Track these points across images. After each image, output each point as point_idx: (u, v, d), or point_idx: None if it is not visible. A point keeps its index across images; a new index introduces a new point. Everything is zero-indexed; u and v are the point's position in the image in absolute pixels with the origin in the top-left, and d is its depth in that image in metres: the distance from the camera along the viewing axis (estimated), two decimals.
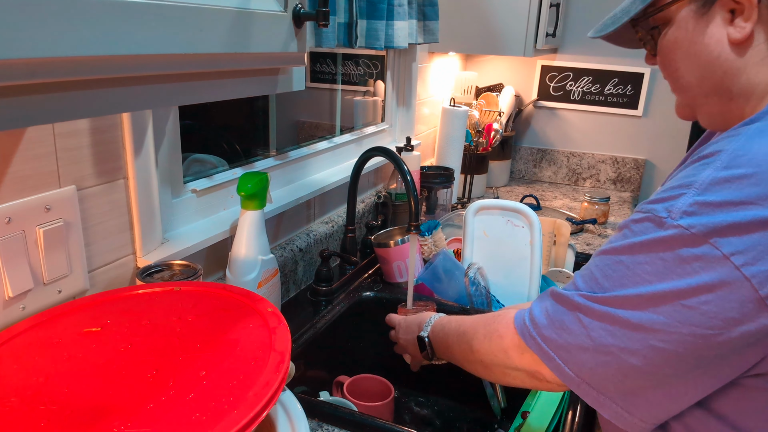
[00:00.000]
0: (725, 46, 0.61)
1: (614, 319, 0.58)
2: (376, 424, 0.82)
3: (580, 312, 0.61)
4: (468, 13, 1.76)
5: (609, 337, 0.59)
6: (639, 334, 0.57)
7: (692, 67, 0.65)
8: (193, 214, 1.00)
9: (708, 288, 0.53)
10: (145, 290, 0.72)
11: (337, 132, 1.58)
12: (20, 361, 0.56)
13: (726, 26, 0.61)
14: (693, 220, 0.54)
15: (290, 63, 0.63)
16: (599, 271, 0.62)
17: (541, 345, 0.64)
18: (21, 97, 0.37)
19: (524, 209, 1.24)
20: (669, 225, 0.55)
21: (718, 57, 0.62)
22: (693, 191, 0.55)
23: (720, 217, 0.53)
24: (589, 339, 0.60)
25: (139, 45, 0.41)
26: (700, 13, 0.62)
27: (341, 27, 1.18)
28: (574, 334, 0.61)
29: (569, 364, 0.62)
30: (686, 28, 0.64)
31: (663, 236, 0.56)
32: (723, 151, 0.56)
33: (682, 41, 0.65)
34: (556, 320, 0.63)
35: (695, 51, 0.64)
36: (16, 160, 0.66)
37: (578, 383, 0.62)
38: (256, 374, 0.54)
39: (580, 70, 2.18)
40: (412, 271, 1.13)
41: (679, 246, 0.54)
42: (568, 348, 0.62)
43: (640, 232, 0.58)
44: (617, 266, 0.59)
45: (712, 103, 0.66)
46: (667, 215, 0.56)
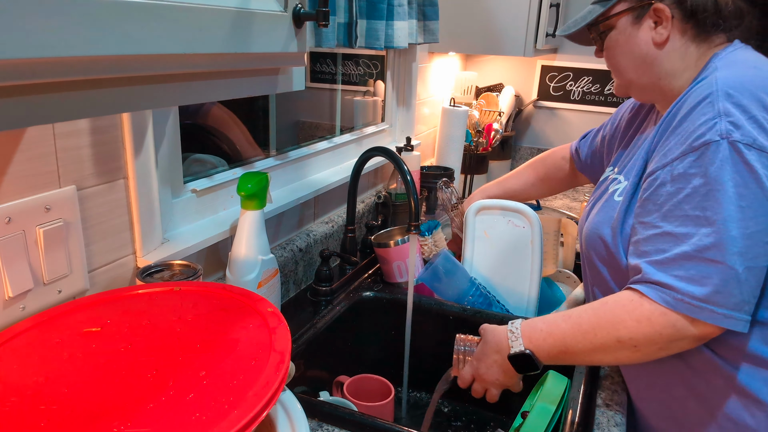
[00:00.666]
0: (651, 45, 0.86)
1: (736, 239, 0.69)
2: (376, 424, 0.82)
3: (710, 252, 0.70)
4: (468, 13, 1.76)
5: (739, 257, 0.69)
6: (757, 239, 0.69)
7: (629, 59, 0.89)
8: (193, 214, 1.00)
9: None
10: (145, 290, 0.72)
11: (337, 132, 1.58)
12: (20, 361, 0.56)
13: (651, 32, 0.86)
14: (739, 134, 0.70)
15: (290, 63, 0.63)
16: (693, 208, 0.72)
17: (700, 306, 0.71)
18: (21, 97, 0.37)
19: (525, 209, 1.24)
20: (725, 144, 0.70)
21: (647, 53, 0.87)
22: (723, 117, 0.72)
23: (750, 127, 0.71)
24: (730, 269, 0.69)
25: (139, 45, 0.41)
26: (634, 22, 0.87)
27: (341, 27, 1.18)
28: (716, 275, 0.70)
29: (720, 304, 0.70)
30: (624, 33, 0.89)
31: (726, 154, 0.70)
32: (712, 92, 0.75)
33: (621, 41, 0.89)
34: (697, 277, 0.71)
35: (630, 48, 0.88)
36: (16, 160, 0.66)
37: (730, 318, 0.71)
38: (256, 374, 0.54)
39: (580, 70, 2.18)
40: (412, 271, 1.13)
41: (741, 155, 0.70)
42: (717, 291, 0.70)
43: (709, 161, 0.71)
44: (709, 195, 0.71)
45: (644, 83, 0.90)
46: (719, 137, 0.71)
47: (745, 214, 0.69)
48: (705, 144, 0.72)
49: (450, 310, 1.18)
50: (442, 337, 1.20)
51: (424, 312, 1.19)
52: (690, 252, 0.71)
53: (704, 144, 0.72)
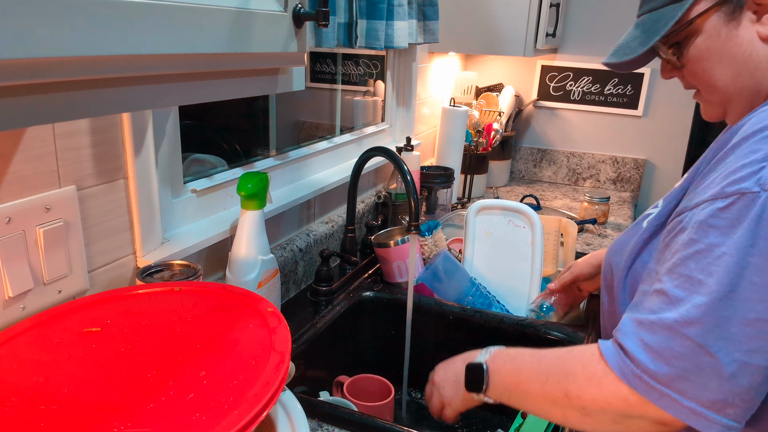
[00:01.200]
0: (756, 43, 0.67)
1: (729, 321, 0.55)
2: (376, 424, 0.82)
3: (690, 328, 0.56)
4: (468, 13, 1.76)
5: (729, 344, 0.55)
6: (761, 328, 0.54)
7: (727, 68, 0.69)
8: (193, 214, 1.00)
9: None
10: (145, 290, 0.72)
11: (337, 132, 1.58)
12: (20, 361, 0.56)
13: (754, 26, 0.66)
14: None
15: (290, 63, 0.63)
16: (696, 268, 0.57)
17: (652, 385, 0.58)
18: (21, 97, 0.37)
19: (526, 209, 1.24)
20: (765, 198, 0.54)
21: (751, 54, 0.67)
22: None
23: None
24: (710, 356, 0.55)
25: (139, 45, 0.41)
26: (729, 19, 0.67)
27: (341, 27, 1.18)
28: (689, 358, 0.56)
29: (688, 395, 0.56)
30: (717, 35, 0.68)
31: (760, 212, 0.54)
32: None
33: (714, 47, 0.69)
34: (662, 351, 0.58)
35: (729, 53, 0.68)
36: (16, 160, 0.66)
37: (699, 415, 0.56)
38: (256, 374, 0.54)
39: (580, 70, 2.18)
40: (412, 271, 1.13)
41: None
42: (686, 377, 0.56)
43: (732, 219, 0.56)
44: (718, 259, 0.56)
45: (743, 97, 0.70)
46: (759, 188, 0.55)
47: (757, 293, 0.54)
48: (739, 193, 0.56)
49: (450, 310, 1.18)
50: (442, 337, 1.20)
51: (424, 312, 1.19)
52: (671, 321, 0.57)
53: (738, 193, 0.56)
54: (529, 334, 1.12)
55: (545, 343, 1.10)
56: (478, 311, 1.17)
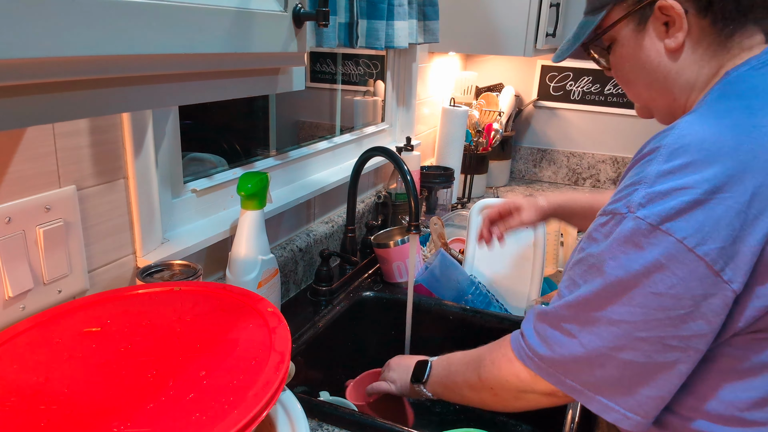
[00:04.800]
0: (663, 55, 0.70)
1: (596, 321, 0.62)
2: (376, 424, 0.82)
3: (566, 324, 0.65)
4: (468, 13, 1.76)
5: (597, 340, 0.62)
6: (623, 329, 0.61)
7: (639, 75, 0.73)
8: (193, 214, 1.00)
9: (671, 272, 0.58)
10: (145, 290, 0.72)
11: (337, 132, 1.58)
12: (20, 361, 0.56)
13: (662, 39, 0.69)
14: (647, 211, 0.59)
15: (290, 63, 0.63)
16: (576, 276, 0.66)
17: (539, 364, 0.68)
18: (21, 97, 0.37)
19: None
20: (629, 218, 0.60)
21: (659, 65, 0.71)
22: (643, 185, 0.60)
23: (668, 205, 0.58)
24: (581, 347, 0.64)
25: (139, 45, 0.41)
26: (637, 30, 0.71)
27: (341, 27, 1.18)
28: (565, 346, 0.65)
29: (569, 376, 0.66)
30: (628, 45, 0.73)
31: (625, 231, 0.60)
32: (661, 147, 0.61)
33: (628, 56, 0.73)
34: (546, 338, 0.67)
35: (640, 63, 0.72)
36: (16, 160, 0.66)
37: (580, 392, 0.65)
38: (256, 374, 0.54)
39: (580, 70, 2.18)
40: (412, 271, 1.13)
41: (639, 237, 0.59)
42: (564, 362, 0.66)
43: (606, 234, 0.63)
44: (590, 269, 0.64)
45: (660, 102, 0.74)
46: (627, 210, 0.60)
47: (617, 300, 0.61)
48: (612, 213, 0.62)
49: (450, 310, 1.18)
50: (442, 337, 1.20)
51: (424, 312, 1.19)
52: (554, 314, 0.67)
53: (612, 212, 0.63)
54: None
55: None
56: (478, 311, 1.17)
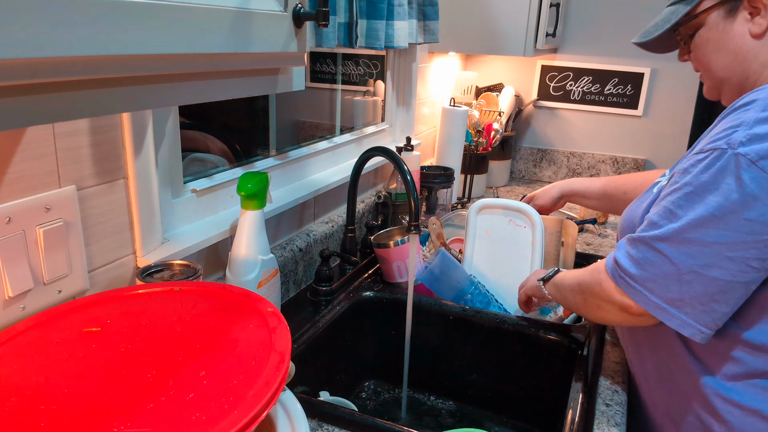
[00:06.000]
0: (747, 39, 0.82)
1: (691, 242, 0.71)
2: (376, 424, 0.82)
3: (660, 244, 0.74)
4: (468, 13, 1.76)
5: (689, 259, 0.72)
6: (715, 250, 0.70)
7: (721, 56, 0.85)
8: (193, 214, 1.00)
9: (763, 202, 0.67)
10: (145, 290, 0.72)
11: (337, 132, 1.58)
12: (20, 361, 0.56)
13: (747, 24, 0.81)
14: (747, 148, 0.68)
15: (290, 63, 0.63)
16: (673, 205, 0.74)
17: (630, 283, 0.77)
18: (21, 97, 0.37)
19: (527, 209, 1.24)
20: (730, 154, 0.69)
21: (741, 47, 0.82)
22: (744, 127, 0.70)
23: (766, 145, 0.68)
24: (672, 265, 0.73)
25: (139, 45, 0.41)
26: (727, 15, 0.83)
27: (341, 27, 1.18)
28: (657, 265, 0.74)
29: (656, 293, 0.75)
30: (716, 29, 0.84)
31: (726, 164, 0.69)
32: (757, 99, 0.72)
33: (713, 39, 0.85)
34: (639, 259, 0.76)
35: (724, 44, 0.84)
36: (16, 160, 0.66)
37: (663, 309, 0.75)
38: (256, 374, 0.54)
39: (580, 70, 2.18)
40: (412, 271, 1.12)
41: (739, 169, 0.68)
42: (654, 279, 0.75)
43: (706, 167, 0.71)
44: (689, 196, 0.72)
45: (734, 81, 0.85)
46: (728, 146, 0.70)
47: (713, 224, 0.70)
48: (712, 149, 0.72)
49: (450, 310, 1.18)
50: (442, 337, 1.20)
51: (424, 312, 1.19)
52: (648, 237, 0.76)
53: (711, 149, 0.72)
54: (528, 334, 1.12)
55: (544, 343, 1.10)
56: (478, 311, 1.17)
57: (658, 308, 0.75)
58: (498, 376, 1.17)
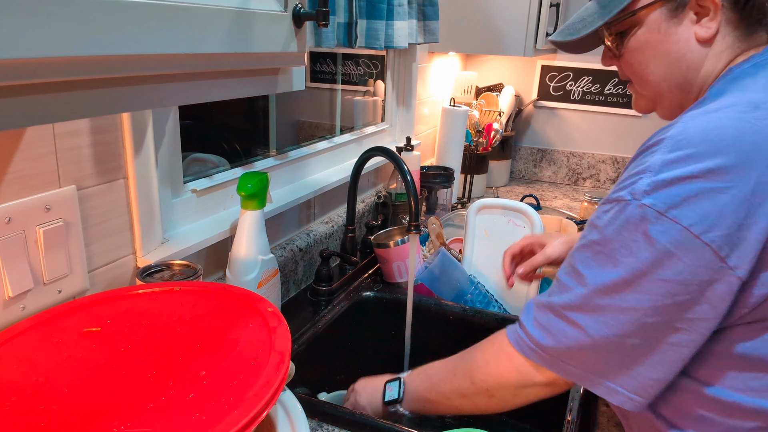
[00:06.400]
0: (692, 44, 0.69)
1: (604, 309, 0.62)
2: (376, 424, 0.82)
3: (570, 313, 0.65)
4: (468, 13, 1.76)
5: (605, 328, 0.62)
6: (631, 316, 0.61)
7: (661, 63, 0.72)
8: (193, 214, 1.00)
9: (678, 258, 0.58)
10: (145, 290, 0.72)
11: (337, 132, 1.58)
12: (20, 361, 0.56)
13: (693, 27, 0.69)
14: (653, 199, 0.58)
15: (290, 63, 0.63)
16: (580, 264, 0.65)
17: (543, 356, 0.68)
18: (21, 97, 0.37)
19: (526, 209, 1.24)
20: (634, 206, 0.60)
21: (685, 54, 0.70)
22: (648, 174, 0.60)
23: (674, 192, 0.57)
24: (587, 336, 0.63)
25: (139, 45, 0.41)
26: (671, 15, 0.70)
27: (341, 27, 1.18)
28: (570, 336, 0.65)
29: (574, 364, 0.66)
30: (657, 30, 0.71)
31: (630, 218, 0.60)
32: (665, 138, 0.61)
33: (652, 41, 0.71)
34: (550, 329, 0.67)
35: (665, 49, 0.71)
36: (16, 160, 0.66)
37: (585, 378, 0.66)
38: (256, 374, 0.54)
39: (580, 70, 2.18)
40: (412, 271, 1.12)
41: (646, 224, 0.59)
42: (569, 351, 0.65)
43: (610, 221, 0.62)
44: (596, 257, 0.63)
45: (673, 95, 0.73)
46: (631, 197, 0.60)
47: (626, 288, 0.61)
48: (616, 200, 0.62)
49: (450, 310, 1.18)
50: (442, 337, 1.20)
51: (424, 312, 1.19)
52: (558, 304, 0.66)
53: (615, 200, 0.62)
54: None
55: None
56: (478, 311, 1.17)
57: (580, 377, 0.66)
58: None
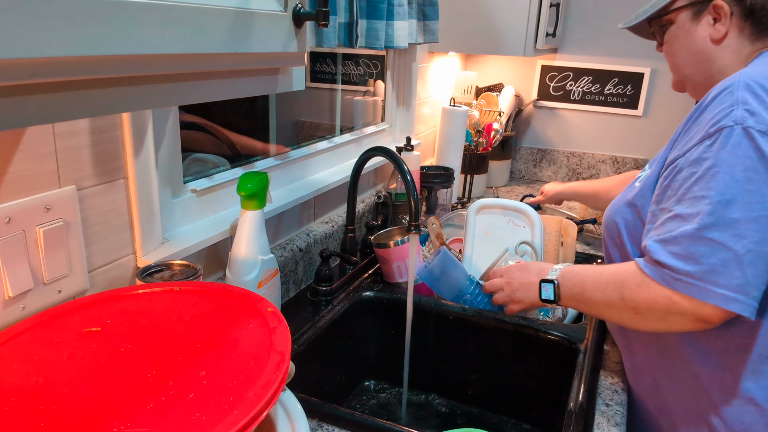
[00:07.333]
0: (708, 42, 0.89)
1: (737, 221, 0.69)
2: (375, 424, 0.82)
3: (708, 232, 0.71)
4: (468, 13, 1.76)
5: (742, 239, 0.69)
6: (763, 223, 0.69)
7: (685, 54, 0.93)
8: (193, 214, 1.00)
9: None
10: (145, 290, 0.72)
11: (337, 132, 1.58)
12: (20, 361, 0.56)
13: (709, 28, 0.88)
14: (754, 121, 0.71)
15: (290, 63, 0.63)
16: (698, 189, 0.73)
17: (689, 282, 0.72)
18: (21, 97, 0.37)
19: (526, 209, 1.24)
20: (739, 129, 0.71)
21: (704, 48, 0.90)
22: (739, 105, 0.73)
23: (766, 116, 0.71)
24: (728, 250, 0.69)
25: (139, 45, 0.41)
26: (693, 18, 0.90)
27: (341, 27, 1.18)
28: (712, 254, 0.70)
29: (720, 284, 0.70)
30: (683, 28, 0.92)
31: (740, 139, 0.71)
32: (732, 83, 0.75)
33: (680, 36, 0.92)
34: (689, 255, 0.72)
35: (688, 43, 0.91)
36: (16, 160, 0.66)
37: (734, 300, 0.70)
38: (256, 374, 0.54)
39: (580, 70, 2.18)
40: (412, 271, 1.12)
41: (756, 141, 0.70)
42: (714, 270, 0.70)
43: (720, 147, 0.72)
44: (714, 178, 0.71)
45: (696, 79, 0.93)
46: (734, 123, 0.72)
47: (753, 197, 0.69)
48: (719, 129, 0.73)
49: (450, 310, 1.18)
50: (442, 337, 1.20)
51: (424, 312, 1.19)
52: (691, 230, 0.72)
53: (718, 129, 0.73)
54: (528, 334, 1.12)
55: (544, 343, 1.10)
56: (478, 311, 1.17)
57: (728, 299, 0.70)
58: (498, 376, 1.17)
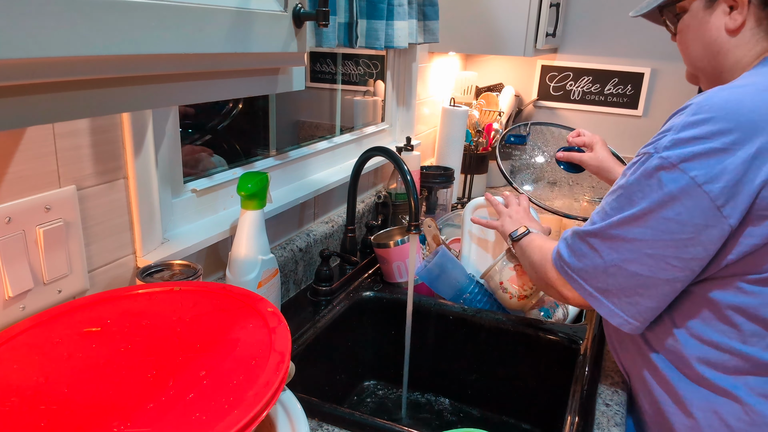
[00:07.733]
0: (722, 32, 0.83)
1: (615, 238, 0.78)
2: (376, 424, 0.82)
3: (591, 239, 0.81)
4: (468, 13, 1.76)
5: (613, 253, 0.78)
6: (635, 246, 0.76)
7: (698, 45, 0.87)
8: (193, 214, 1.00)
9: (681, 202, 0.72)
10: (145, 290, 0.72)
11: (337, 132, 1.58)
12: (20, 361, 0.56)
13: (724, 17, 0.83)
14: (670, 152, 0.73)
15: (290, 63, 0.63)
16: (608, 205, 0.80)
17: (567, 272, 0.84)
18: (21, 97, 0.37)
19: None
20: (655, 158, 0.74)
21: (717, 39, 0.84)
22: (672, 132, 0.74)
23: (688, 148, 0.72)
24: (600, 258, 0.80)
25: (139, 45, 0.41)
26: (707, 6, 0.84)
27: (341, 27, 1.18)
28: (588, 257, 0.81)
29: (588, 282, 0.82)
30: (696, 17, 0.86)
31: (650, 167, 0.75)
32: (692, 104, 0.75)
33: (693, 26, 0.87)
34: (575, 251, 0.83)
35: (701, 34, 0.86)
36: (16, 160, 0.66)
37: (594, 297, 0.82)
38: (256, 374, 0.54)
39: (580, 70, 2.18)
40: (412, 271, 1.12)
41: (659, 172, 0.73)
42: (586, 269, 0.82)
43: (635, 170, 0.77)
44: (619, 198, 0.78)
45: (708, 72, 0.89)
46: (654, 151, 0.75)
47: (635, 222, 0.76)
48: (643, 154, 0.77)
49: (450, 310, 1.18)
50: (442, 337, 1.20)
51: (424, 312, 1.19)
52: (584, 232, 0.82)
53: (642, 154, 0.77)
54: (528, 334, 1.12)
55: (544, 343, 1.10)
56: (478, 311, 1.17)
57: (590, 296, 0.82)
58: (498, 376, 1.17)
